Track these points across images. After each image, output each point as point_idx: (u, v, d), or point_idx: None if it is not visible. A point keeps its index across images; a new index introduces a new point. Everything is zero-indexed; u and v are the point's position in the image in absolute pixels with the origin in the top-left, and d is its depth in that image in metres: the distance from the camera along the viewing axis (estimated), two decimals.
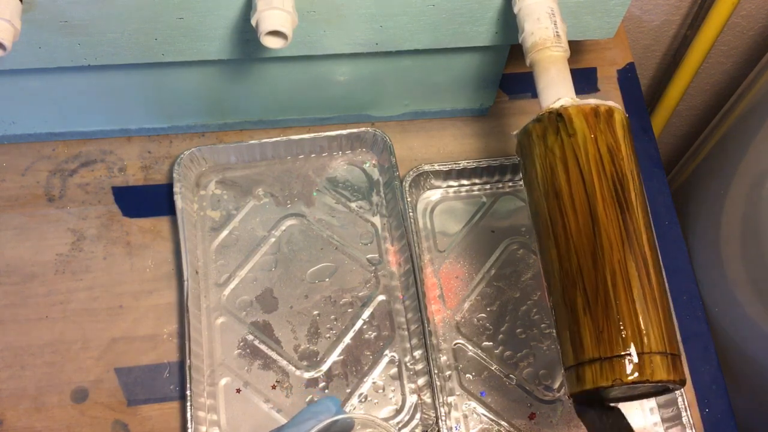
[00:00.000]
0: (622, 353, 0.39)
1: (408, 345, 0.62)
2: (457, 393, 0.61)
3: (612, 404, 0.44)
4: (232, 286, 0.64)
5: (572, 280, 0.42)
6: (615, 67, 0.75)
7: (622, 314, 0.40)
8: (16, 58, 0.54)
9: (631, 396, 0.45)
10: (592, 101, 0.45)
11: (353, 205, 0.67)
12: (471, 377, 0.61)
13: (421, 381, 0.60)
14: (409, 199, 0.65)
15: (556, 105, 0.45)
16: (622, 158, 0.44)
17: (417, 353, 0.61)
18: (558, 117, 0.44)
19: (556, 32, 0.48)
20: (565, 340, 0.42)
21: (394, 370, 0.61)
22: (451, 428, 0.59)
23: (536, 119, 0.45)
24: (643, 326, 0.40)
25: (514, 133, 0.48)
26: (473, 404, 0.61)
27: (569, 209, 0.43)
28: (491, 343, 0.63)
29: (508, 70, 0.71)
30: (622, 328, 0.40)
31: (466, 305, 0.64)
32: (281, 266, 0.65)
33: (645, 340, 0.40)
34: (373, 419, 0.48)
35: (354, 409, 0.60)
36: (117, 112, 0.66)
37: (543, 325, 0.63)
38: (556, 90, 0.47)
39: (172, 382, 0.61)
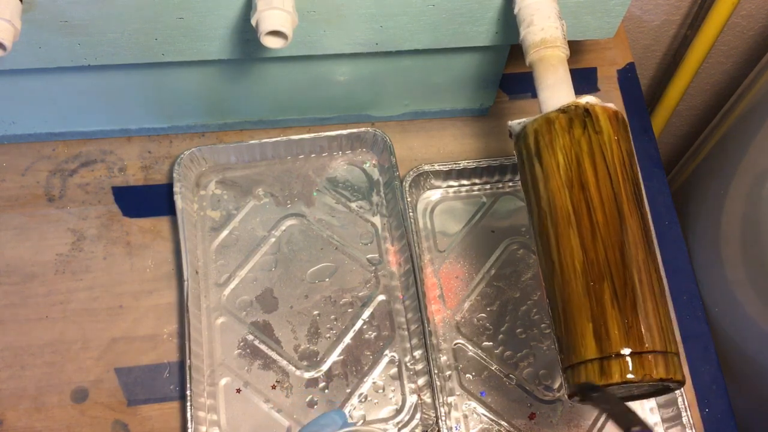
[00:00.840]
0: (653, 350, 0.40)
1: (408, 345, 0.62)
2: (457, 393, 0.61)
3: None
4: (232, 286, 0.64)
5: (599, 271, 0.42)
6: (615, 67, 0.75)
7: (647, 311, 0.41)
8: (16, 58, 0.54)
9: (630, 396, 0.45)
10: (592, 99, 0.46)
11: (353, 205, 0.67)
12: (471, 377, 0.61)
13: (421, 381, 0.60)
14: (409, 199, 0.65)
15: (582, 101, 0.46)
16: (636, 163, 0.46)
17: (417, 353, 0.61)
18: (585, 112, 0.45)
19: (556, 32, 0.48)
20: (582, 331, 0.42)
21: (394, 370, 0.61)
22: (451, 428, 0.59)
23: (560, 110, 0.45)
24: (663, 325, 0.41)
25: (517, 121, 0.47)
26: (473, 404, 0.61)
27: (597, 202, 0.43)
28: (491, 343, 0.63)
29: (508, 70, 0.71)
30: (650, 325, 0.41)
31: (466, 305, 0.64)
32: (281, 266, 0.65)
33: (670, 337, 0.41)
34: (378, 430, 0.48)
35: (354, 408, 0.60)
36: (117, 112, 0.66)
37: (543, 325, 0.63)
38: (556, 90, 0.47)
39: (172, 382, 0.61)
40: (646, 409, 0.61)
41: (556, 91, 0.47)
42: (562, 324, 0.43)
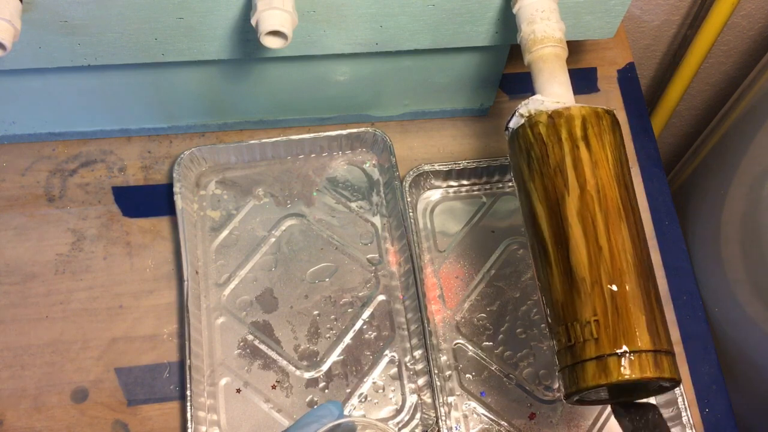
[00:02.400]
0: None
1: (408, 345, 0.62)
2: (457, 393, 0.61)
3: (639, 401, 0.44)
4: (232, 286, 0.64)
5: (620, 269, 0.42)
6: (615, 67, 0.75)
7: (658, 310, 0.42)
8: (16, 58, 0.54)
9: (628, 396, 0.45)
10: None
11: (353, 205, 0.67)
12: (471, 377, 0.61)
13: (421, 381, 0.60)
14: (409, 199, 0.65)
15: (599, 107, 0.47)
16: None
17: (417, 353, 0.61)
18: (614, 118, 0.47)
19: (555, 32, 0.48)
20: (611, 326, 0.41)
21: (394, 370, 0.61)
22: (451, 428, 0.59)
23: (604, 110, 0.46)
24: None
25: (540, 98, 0.47)
26: (473, 404, 0.61)
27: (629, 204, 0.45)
28: (491, 343, 0.63)
29: (508, 70, 0.71)
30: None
31: (466, 305, 0.64)
32: (281, 266, 0.65)
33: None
34: (375, 423, 0.48)
35: (354, 408, 0.60)
36: (117, 112, 0.66)
37: (543, 325, 0.63)
38: (556, 89, 0.47)
39: (172, 382, 0.61)
40: None
41: (555, 90, 0.47)
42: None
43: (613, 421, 0.61)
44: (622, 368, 0.40)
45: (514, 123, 0.47)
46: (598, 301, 0.41)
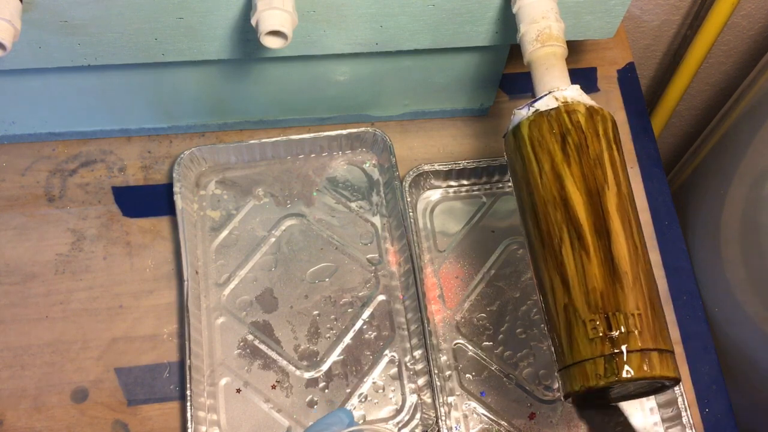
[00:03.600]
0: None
1: (408, 345, 0.62)
2: (457, 393, 0.61)
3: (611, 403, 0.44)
4: (232, 286, 0.64)
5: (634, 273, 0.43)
6: (615, 67, 0.75)
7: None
8: (16, 58, 0.54)
9: (623, 395, 0.45)
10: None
11: (353, 205, 0.67)
12: (471, 377, 0.61)
13: (421, 381, 0.60)
14: (409, 199, 0.65)
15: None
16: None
17: (417, 353, 0.61)
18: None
19: (555, 31, 0.48)
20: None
21: (394, 370, 0.61)
22: (451, 428, 0.59)
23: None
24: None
25: (556, 95, 0.47)
26: (473, 404, 0.61)
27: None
28: (491, 343, 0.63)
29: (508, 70, 0.71)
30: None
31: (466, 305, 0.64)
32: (281, 266, 0.65)
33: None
34: (384, 429, 0.48)
35: (354, 408, 0.60)
36: (117, 112, 0.66)
37: (543, 325, 0.63)
38: (557, 87, 0.47)
39: (172, 382, 0.61)
40: (646, 408, 0.61)
41: (555, 87, 0.47)
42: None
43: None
44: (661, 364, 0.40)
45: (545, 104, 0.46)
46: (640, 297, 0.42)
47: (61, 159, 0.68)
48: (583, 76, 0.74)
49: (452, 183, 0.68)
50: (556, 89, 0.47)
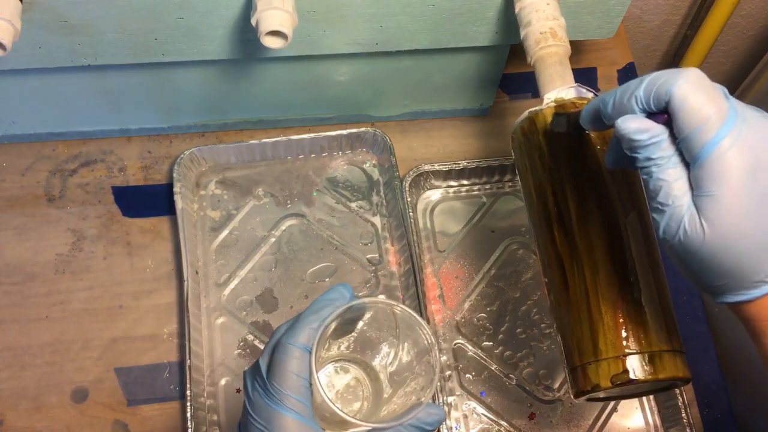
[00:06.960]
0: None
1: None
2: (457, 393, 0.61)
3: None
4: (232, 286, 0.64)
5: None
6: (615, 67, 0.75)
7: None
8: (16, 58, 0.54)
9: (632, 394, 0.45)
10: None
11: (353, 205, 0.67)
12: (471, 377, 0.61)
13: None
14: (409, 199, 0.65)
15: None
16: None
17: None
18: None
19: (557, 31, 0.48)
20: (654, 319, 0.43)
21: None
22: (451, 428, 0.59)
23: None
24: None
25: (548, 101, 0.47)
26: (473, 404, 0.61)
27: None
28: (491, 343, 0.63)
29: (508, 70, 0.71)
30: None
31: (466, 305, 0.64)
32: (281, 266, 0.65)
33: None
34: (385, 301, 0.46)
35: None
36: (117, 112, 0.66)
37: (543, 325, 0.63)
38: (560, 85, 0.47)
39: (172, 382, 0.61)
40: (646, 408, 0.61)
41: (559, 86, 0.47)
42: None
43: (613, 420, 0.61)
44: (675, 365, 0.42)
45: (564, 95, 0.47)
46: (654, 297, 0.45)
47: (61, 159, 0.68)
48: (583, 76, 0.74)
49: (452, 183, 0.68)
50: (572, 86, 0.47)
